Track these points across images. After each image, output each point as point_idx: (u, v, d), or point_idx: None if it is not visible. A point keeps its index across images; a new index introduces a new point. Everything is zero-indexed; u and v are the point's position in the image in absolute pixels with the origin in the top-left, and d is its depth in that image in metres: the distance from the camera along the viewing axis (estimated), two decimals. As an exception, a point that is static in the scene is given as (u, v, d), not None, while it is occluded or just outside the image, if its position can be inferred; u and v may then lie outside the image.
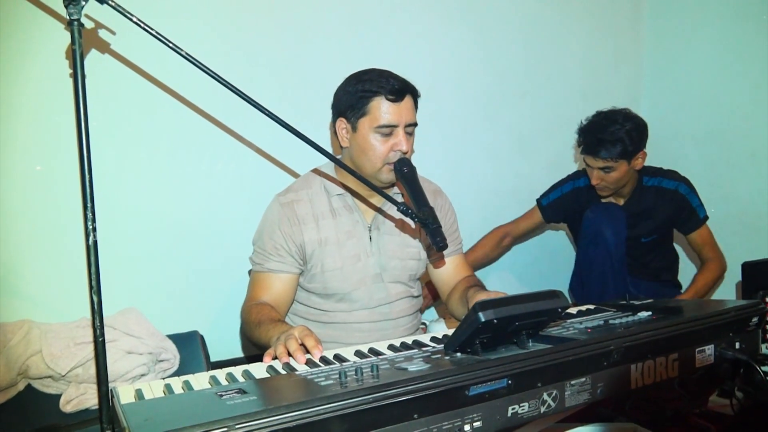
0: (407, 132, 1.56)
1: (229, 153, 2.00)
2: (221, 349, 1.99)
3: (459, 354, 1.06)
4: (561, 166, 2.60)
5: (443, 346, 1.14)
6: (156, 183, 1.89)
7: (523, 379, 1.01)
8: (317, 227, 1.61)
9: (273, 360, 1.20)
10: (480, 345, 1.05)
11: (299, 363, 1.15)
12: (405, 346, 1.24)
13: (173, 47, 1.14)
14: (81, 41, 1.05)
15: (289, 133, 1.23)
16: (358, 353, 1.21)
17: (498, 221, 2.46)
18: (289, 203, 1.62)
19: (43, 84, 1.70)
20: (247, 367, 1.13)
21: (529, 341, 1.11)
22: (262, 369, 1.13)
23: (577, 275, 2.34)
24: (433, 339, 1.29)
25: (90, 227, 1.03)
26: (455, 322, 1.75)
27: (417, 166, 1.57)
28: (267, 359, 1.20)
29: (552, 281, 2.64)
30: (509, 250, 2.55)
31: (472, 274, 1.78)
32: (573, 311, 1.49)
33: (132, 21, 1.11)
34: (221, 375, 1.08)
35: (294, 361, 1.16)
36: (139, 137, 1.85)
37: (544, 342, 1.11)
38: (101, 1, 1.09)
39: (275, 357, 1.20)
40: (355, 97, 1.55)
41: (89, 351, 1.56)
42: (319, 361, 1.16)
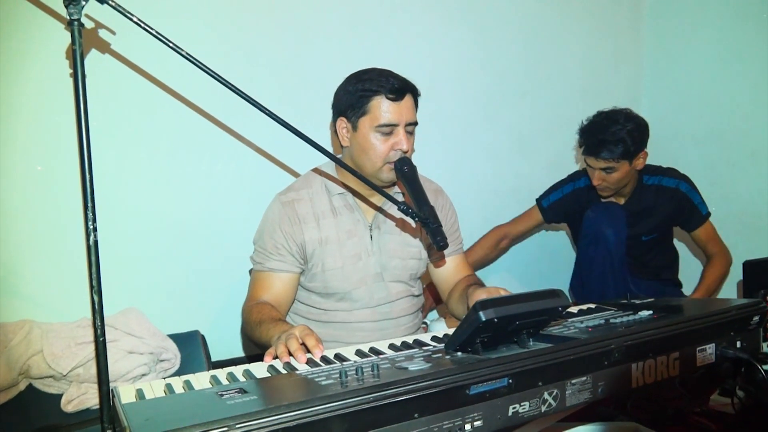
0: (408, 131, 1.56)
1: (230, 152, 2.00)
2: (222, 349, 1.99)
3: (460, 353, 1.06)
4: (561, 165, 2.60)
5: (444, 345, 1.14)
6: (156, 183, 1.89)
7: (524, 379, 1.01)
8: (318, 226, 1.61)
9: (274, 359, 1.20)
10: (481, 344, 1.05)
11: (300, 362, 1.15)
12: (406, 345, 1.24)
13: (173, 47, 1.14)
14: (81, 41, 1.05)
15: (290, 133, 1.23)
16: (358, 352, 1.21)
17: (498, 221, 2.46)
18: (290, 202, 1.62)
19: (44, 84, 1.70)
20: (248, 367, 1.13)
21: (530, 340, 1.11)
22: (262, 368, 1.13)
23: (578, 275, 2.33)
24: (434, 338, 1.29)
25: (90, 227, 1.03)
26: (456, 321, 1.75)
27: (417, 165, 1.57)
28: (268, 359, 1.20)
29: (552, 281, 2.64)
30: (507, 251, 2.55)
31: (472, 273, 1.78)
32: (574, 310, 1.49)
33: (132, 21, 1.11)
34: (222, 374, 1.08)
35: (295, 361, 1.16)
36: (140, 137, 1.86)
37: (544, 341, 1.11)
38: (101, 1, 1.09)
39: (276, 356, 1.20)
40: (356, 97, 1.55)
41: (90, 351, 1.56)
42: (320, 361, 1.16)
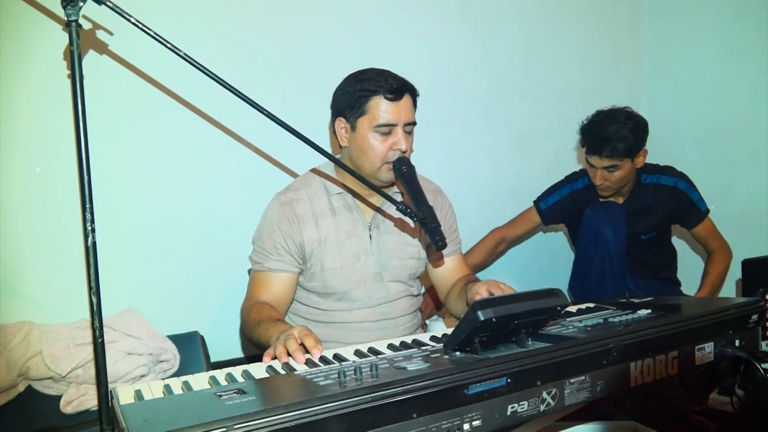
0: (406, 131, 1.56)
1: (228, 153, 2.00)
2: (221, 350, 1.99)
3: (458, 353, 1.06)
4: (561, 165, 2.60)
5: (442, 345, 1.14)
6: (155, 183, 1.89)
7: (523, 378, 1.01)
8: (317, 226, 1.61)
9: (272, 360, 1.20)
10: (479, 344, 1.05)
11: (299, 363, 1.15)
12: (404, 345, 1.24)
13: (171, 48, 1.14)
14: (79, 42, 1.05)
15: (288, 133, 1.23)
16: (357, 353, 1.21)
17: (498, 221, 2.46)
18: (289, 202, 1.62)
19: (42, 85, 1.70)
20: (247, 367, 1.13)
21: (529, 340, 1.11)
22: (261, 369, 1.13)
23: (577, 274, 2.33)
24: (433, 338, 1.29)
25: (89, 228, 1.03)
26: (455, 321, 1.75)
27: (417, 165, 1.57)
28: (266, 359, 1.20)
29: (551, 280, 2.64)
30: (504, 254, 2.55)
31: (470, 273, 1.78)
32: (572, 310, 1.49)
33: (130, 22, 1.11)
34: (221, 375, 1.08)
35: (293, 361, 1.16)
36: (138, 138, 1.85)
37: (543, 340, 1.11)
38: (99, 2, 1.09)
39: (275, 357, 1.20)
40: (354, 97, 1.55)
41: (89, 352, 1.56)
42: (319, 361, 1.16)
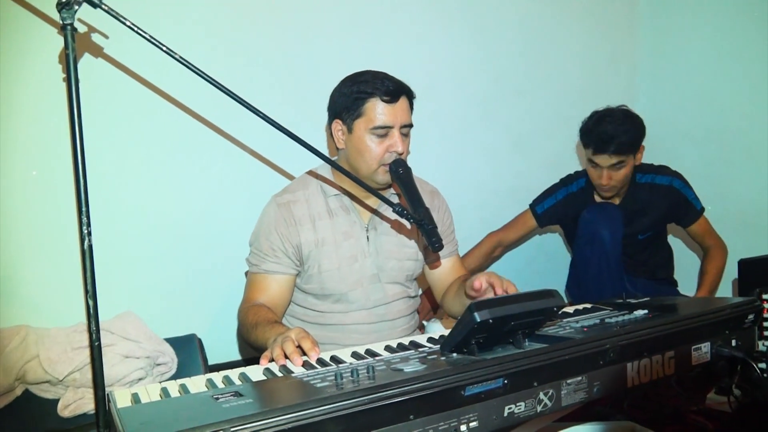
0: (402, 133, 1.57)
1: (225, 155, 2.00)
2: (219, 352, 1.99)
3: (455, 354, 1.06)
4: (559, 165, 2.60)
5: (439, 346, 1.14)
6: (152, 186, 1.89)
7: (520, 379, 1.01)
8: (314, 228, 1.61)
9: (269, 362, 1.19)
10: (476, 345, 1.05)
11: (296, 365, 1.14)
12: (401, 347, 1.24)
13: (167, 51, 1.14)
14: (74, 45, 1.05)
15: (285, 136, 1.23)
16: (354, 354, 1.21)
17: (496, 221, 2.46)
18: (286, 204, 1.62)
19: (38, 88, 1.70)
20: (244, 370, 1.13)
21: (526, 341, 1.11)
22: (258, 371, 1.13)
23: (574, 276, 2.33)
24: (430, 340, 1.29)
25: (85, 231, 1.03)
26: (452, 322, 1.75)
27: (415, 166, 1.57)
28: (264, 362, 1.20)
29: (548, 282, 2.62)
30: (500, 258, 2.55)
31: (467, 273, 1.78)
32: (570, 310, 1.49)
33: (125, 25, 1.11)
34: (218, 378, 1.08)
35: (290, 364, 1.16)
36: (135, 140, 1.85)
37: (540, 341, 1.11)
38: (94, 6, 1.09)
39: (272, 359, 1.19)
40: (351, 99, 1.55)
41: (86, 355, 1.56)
42: (316, 363, 1.15)
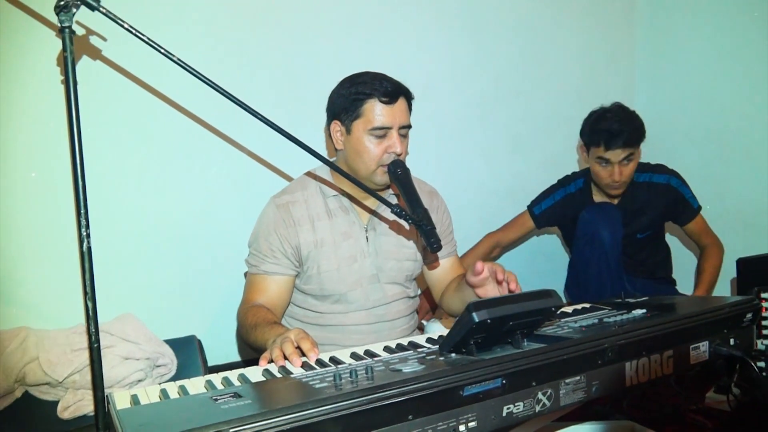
0: (401, 134, 1.57)
1: (224, 157, 2.00)
2: (219, 354, 1.99)
3: (453, 354, 1.07)
4: (557, 165, 2.61)
5: (438, 347, 1.14)
6: (151, 188, 1.89)
7: (518, 379, 1.01)
8: (313, 229, 1.61)
9: (269, 363, 1.20)
10: (475, 345, 1.05)
11: (295, 366, 1.15)
12: (400, 347, 1.24)
13: (165, 53, 1.14)
14: (72, 48, 1.06)
15: (284, 137, 1.24)
16: (353, 355, 1.21)
17: (494, 221, 2.46)
18: (285, 205, 1.63)
19: (37, 91, 1.70)
20: (243, 371, 1.13)
21: (524, 341, 1.11)
22: (257, 372, 1.13)
23: (573, 276, 2.33)
24: (429, 340, 1.29)
25: (84, 233, 1.04)
26: (452, 321, 1.75)
27: (413, 166, 1.57)
28: (263, 363, 1.20)
29: (547, 282, 2.62)
30: (498, 258, 2.55)
31: (466, 273, 1.78)
32: (568, 310, 1.49)
33: (123, 27, 1.11)
34: (217, 379, 1.08)
35: (290, 364, 1.16)
36: (134, 142, 1.86)
37: (538, 341, 1.11)
38: (92, 8, 1.09)
39: (271, 360, 1.20)
40: (349, 100, 1.55)
41: (86, 357, 1.56)
42: (315, 364, 1.16)
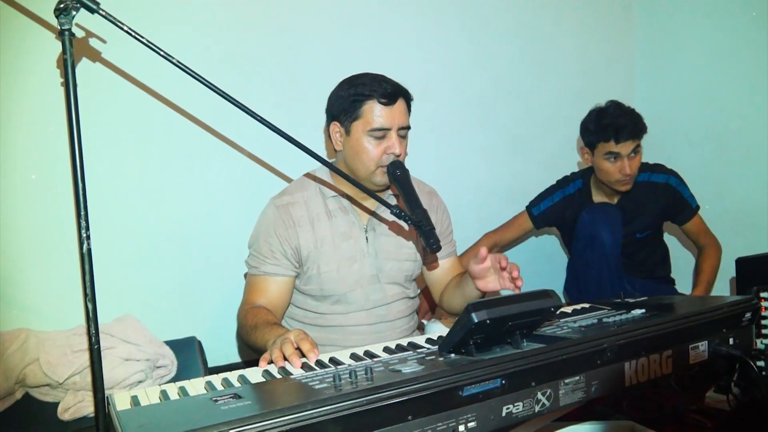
0: (400, 135, 1.57)
1: (223, 158, 2.00)
2: (219, 355, 1.99)
3: (453, 355, 1.07)
4: (556, 165, 2.61)
5: (438, 347, 1.15)
6: (150, 189, 1.89)
7: (517, 379, 1.02)
8: (312, 229, 1.62)
9: (269, 364, 1.20)
10: (474, 345, 1.06)
11: (295, 367, 1.15)
12: (400, 348, 1.24)
13: (164, 55, 1.14)
14: (72, 50, 1.06)
15: (283, 138, 1.24)
16: (353, 356, 1.21)
17: (494, 222, 2.46)
18: (285, 206, 1.63)
19: (37, 93, 1.70)
20: (243, 372, 1.13)
21: (523, 341, 1.11)
22: (257, 373, 1.13)
23: (573, 277, 2.33)
24: (428, 340, 1.29)
25: (84, 235, 1.04)
26: (452, 321, 1.76)
27: (412, 167, 1.57)
28: (263, 363, 1.20)
29: (547, 283, 2.62)
30: None
31: (465, 272, 1.78)
32: (567, 310, 1.49)
33: (123, 30, 1.11)
34: (217, 380, 1.09)
35: (290, 365, 1.16)
36: (133, 144, 1.86)
37: (537, 341, 1.11)
38: (92, 11, 1.10)
39: (271, 361, 1.20)
40: (348, 101, 1.56)
41: (86, 358, 1.56)
42: (315, 365, 1.16)
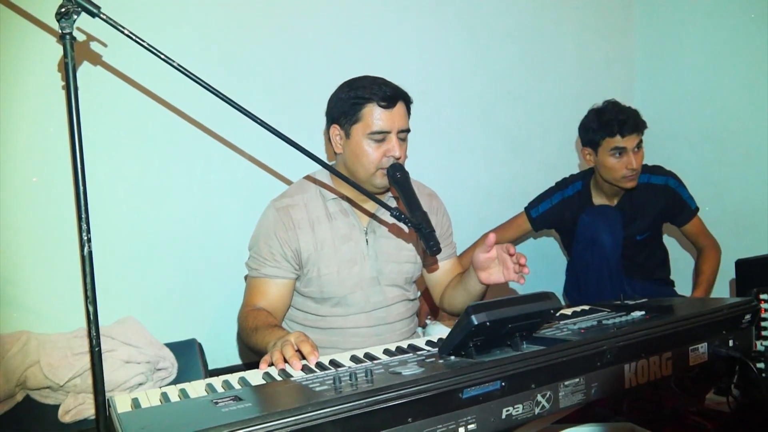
0: (400, 138, 1.58)
1: (223, 161, 2.00)
2: (219, 357, 1.99)
3: (453, 357, 1.07)
4: (556, 167, 2.61)
5: (438, 349, 1.15)
6: (151, 192, 1.90)
7: (517, 381, 1.02)
8: (313, 232, 1.62)
9: (269, 366, 1.20)
10: (474, 348, 1.06)
11: (295, 369, 1.15)
12: (400, 350, 1.24)
13: (164, 58, 1.15)
14: (73, 54, 1.06)
15: (283, 141, 1.24)
16: (353, 358, 1.22)
17: (493, 223, 2.46)
18: (285, 208, 1.63)
19: (38, 96, 1.71)
20: (243, 374, 1.14)
21: (523, 343, 1.11)
22: (258, 376, 1.14)
23: (573, 279, 2.33)
24: (428, 343, 1.29)
25: (84, 237, 1.04)
26: (453, 322, 1.76)
27: (412, 169, 1.58)
28: (263, 366, 1.21)
29: (547, 285, 2.63)
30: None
31: (465, 271, 1.79)
32: (567, 312, 1.49)
33: (123, 33, 1.12)
34: (217, 382, 1.09)
35: (290, 368, 1.17)
36: (134, 147, 1.86)
37: (537, 343, 1.11)
38: (93, 15, 1.10)
39: (271, 363, 1.20)
40: (348, 104, 1.56)
41: (87, 361, 1.57)
42: (315, 367, 1.16)
